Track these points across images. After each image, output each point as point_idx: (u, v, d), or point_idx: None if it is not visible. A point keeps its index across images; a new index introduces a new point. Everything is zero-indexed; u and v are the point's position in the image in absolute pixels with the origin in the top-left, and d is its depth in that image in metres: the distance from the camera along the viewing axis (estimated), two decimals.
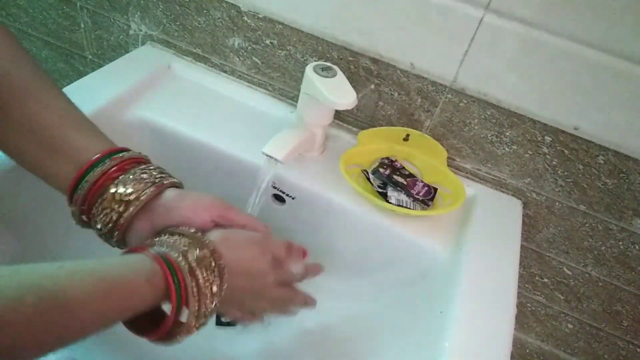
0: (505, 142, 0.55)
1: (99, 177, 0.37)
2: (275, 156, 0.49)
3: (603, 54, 0.45)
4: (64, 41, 0.77)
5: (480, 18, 0.47)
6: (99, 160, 0.37)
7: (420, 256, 0.52)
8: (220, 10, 0.60)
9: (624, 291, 0.62)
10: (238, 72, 0.65)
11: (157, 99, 0.60)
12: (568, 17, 0.44)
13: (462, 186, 0.55)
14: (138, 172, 0.38)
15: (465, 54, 0.50)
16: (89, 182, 0.37)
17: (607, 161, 0.51)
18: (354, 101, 0.49)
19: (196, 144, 0.57)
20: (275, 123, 0.61)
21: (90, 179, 0.37)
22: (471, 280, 0.47)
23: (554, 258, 0.63)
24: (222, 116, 0.61)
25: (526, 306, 0.72)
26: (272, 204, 0.59)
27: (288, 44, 0.59)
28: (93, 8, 0.69)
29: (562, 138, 0.52)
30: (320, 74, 0.51)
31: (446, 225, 0.54)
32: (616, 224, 0.56)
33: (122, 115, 0.57)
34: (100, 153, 0.38)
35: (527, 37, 0.47)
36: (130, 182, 0.37)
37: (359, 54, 0.56)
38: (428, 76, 0.54)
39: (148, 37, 0.68)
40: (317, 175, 0.56)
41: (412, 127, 0.58)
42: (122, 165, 0.38)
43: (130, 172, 0.38)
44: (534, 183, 0.57)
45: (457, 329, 0.42)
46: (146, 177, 0.38)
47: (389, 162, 0.58)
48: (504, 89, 0.51)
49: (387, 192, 0.54)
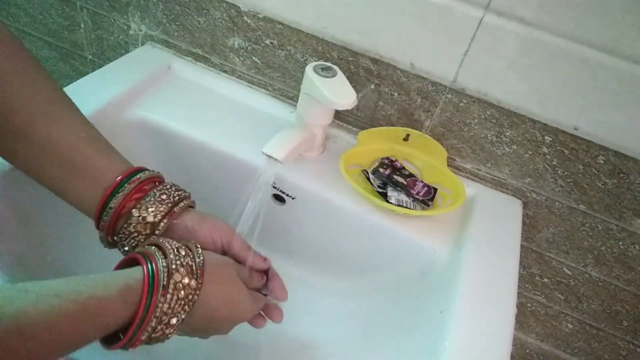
0: (505, 142, 0.55)
1: (121, 202, 0.38)
2: (275, 156, 0.49)
3: (603, 54, 0.45)
4: (64, 41, 0.77)
5: (480, 18, 0.47)
6: (119, 184, 0.39)
7: (420, 256, 0.52)
8: (220, 10, 0.60)
9: (624, 291, 0.62)
10: (238, 72, 0.65)
11: (157, 99, 0.60)
12: (568, 17, 0.44)
13: (462, 186, 0.55)
14: (157, 194, 0.40)
15: (465, 54, 0.50)
16: (113, 209, 0.38)
17: (607, 161, 0.51)
18: (354, 101, 0.49)
19: (196, 144, 0.57)
20: (275, 123, 0.61)
21: (114, 205, 0.38)
22: (471, 280, 0.47)
23: (554, 258, 0.63)
24: (222, 116, 0.61)
25: (526, 306, 0.72)
26: (272, 204, 0.59)
27: (288, 44, 0.59)
28: (93, 8, 0.69)
29: (562, 138, 0.52)
30: (320, 74, 0.51)
31: (446, 225, 0.54)
32: (616, 224, 0.56)
33: (122, 115, 0.57)
34: (120, 174, 0.39)
35: (527, 37, 0.47)
36: (152, 204, 0.39)
37: (359, 54, 0.56)
38: (428, 76, 0.54)
39: (148, 37, 0.68)
40: (317, 175, 0.56)
41: (412, 127, 0.58)
42: (140, 186, 0.40)
43: (150, 195, 0.40)
44: (534, 183, 0.57)
45: (457, 329, 0.42)
46: (165, 198, 0.40)
47: (389, 162, 0.58)
48: (504, 89, 0.51)
49: (387, 192, 0.54)
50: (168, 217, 0.40)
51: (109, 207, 0.38)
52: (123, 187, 0.39)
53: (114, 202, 0.38)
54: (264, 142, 0.50)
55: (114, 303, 0.31)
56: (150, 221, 0.39)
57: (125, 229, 0.39)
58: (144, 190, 0.40)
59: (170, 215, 0.40)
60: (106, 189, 0.38)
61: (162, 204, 0.40)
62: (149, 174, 0.41)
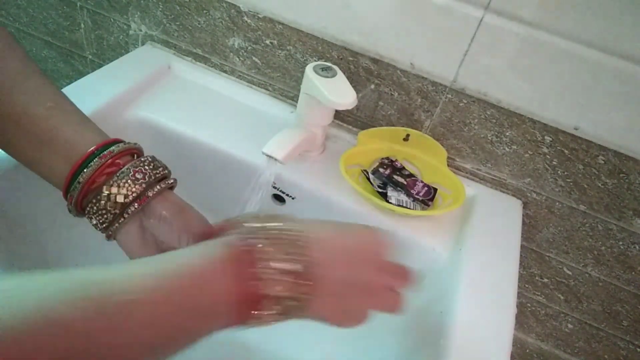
0: (505, 142, 0.55)
1: (90, 177, 0.36)
2: (275, 156, 0.49)
3: (603, 54, 0.45)
4: (64, 41, 0.77)
5: (480, 18, 0.47)
6: (90, 157, 0.36)
7: (420, 256, 0.52)
8: (220, 10, 0.60)
9: (624, 291, 0.62)
10: (238, 72, 0.65)
11: (157, 99, 0.60)
12: (568, 17, 0.44)
13: (462, 186, 0.55)
14: (132, 171, 0.37)
15: (465, 54, 0.50)
16: (81, 183, 0.36)
17: (607, 161, 0.51)
18: (354, 101, 0.49)
19: (196, 144, 0.57)
20: (275, 123, 0.61)
21: (82, 179, 0.35)
22: (471, 280, 0.47)
23: (554, 258, 0.63)
24: (222, 116, 0.61)
25: (526, 306, 0.72)
26: (272, 204, 0.59)
27: (288, 44, 0.59)
28: (93, 8, 0.69)
29: (562, 138, 0.52)
30: (320, 74, 0.51)
31: (446, 225, 0.54)
32: (616, 224, 0.56)
33: (122, 115, 0.57)
34: (92, 146, 0.36)
35: (527, 37, 0.47)
36: (124, 182, 0.36)
37: (359, 54, 0.56)
38: (428, 76, 0.54)
39: (148, 37, 0.68)
40: (317, 175, 0.56)
41: (412, 127, 0.58)
42: (113, 160, 0.37)
43: (124, 171, 0.36)
44: (534, 183, 0.57)
45: (457, 329, 0.42)
46: (140, 177, 0.37)
47: (389, 162, 0.58)
48: (504, 89, 0.51)
49: (387, 192, 0.54)
50: (139, 202, 0.36)
51: (77, 182, 0.35)
52: (93, 160, 0.36)
53: (82, 176, 0.35)
54: (264, 142, 0.50)
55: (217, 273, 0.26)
56: (120, 202, 0.36)
57: (94, 204, 0.36)
58: (117, 164, 0.37)
59: (142, 200, 0.36)
60: (74, 160, 0.36)
61: (136, 183, 0.36)
62: (124, 146, 0.38)
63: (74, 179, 0.36)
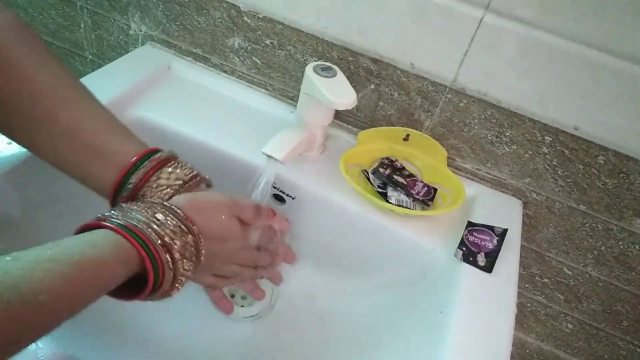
0: (505, 142, 0.55)
1: (141, 178, 0.39)
2: (275, 156, 0.49)
3: (603, 54, 0.45)
4: (64, 41, 0.77)
5: (480, 18, 0.47)
6: (138, 162, 0.40)
7: (420, 256, 0.52)
8: (220, 10, 0.60)
9: (624, 291, 0.62)
10: (238, 72, 0.65)
11: (157, 99, 0.60)
12: (568, 17, 0.44)
13: (462, 186, 0.55)
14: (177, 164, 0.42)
15: (465, 54, 0.50)
16: (133, 184, 0.39)
17: (607, 161, 0.51)
18: (354, 101, 0.49)
19: (196, 144, 0.57)
20: (275, 123, 0.61)
21: (134, 180, 0.39)
22: (471, 280, 0.47)
23: (554, 258, 0.63)
24: (222, 116, 0.61)
25: (526, 306, 0.72)
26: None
27: (288, 44, 0.59)
28: (93, 8, 0.69)
29: (562, 138, 0.52)
30: (320, 74, 0.51)
31: (446, 225, 0.54)
32: (616, 224, 0.56)
33: (122, 115, 0.57)
34: (137, 155, 0.40)
35: (527, 37, 0.47)
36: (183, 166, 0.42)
37: (359, 54, 0.56)
38: (428, 76, 0.54)
39: (148, 37, 0.68)
40: (317, 175, 0.56)
41: (412, 127, 0.58)
42: (159, 165, 0.41)
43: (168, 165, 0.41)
44: (534, 183, 0.57)
45: (457, 329, 0.42)
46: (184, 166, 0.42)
47: (389, 162, 0.58)
48: (504, 89, 0.51)
49: (387, 192, 0.54)
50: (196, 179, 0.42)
51: (129, 184, 0.39)
52: (143, 164, 0.40)
53: (133, 177, 0.39)
54: (264, 142, 0.50)
55: (109, 261, 0.31)
56: (182, 178, 0.41)
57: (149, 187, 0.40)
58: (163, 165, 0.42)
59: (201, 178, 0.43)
60: (122, 168, 0.39)
61: (186, 168, 0.42)
62: (167, 153, 0.42)
63: (124, 182, 0.39)
